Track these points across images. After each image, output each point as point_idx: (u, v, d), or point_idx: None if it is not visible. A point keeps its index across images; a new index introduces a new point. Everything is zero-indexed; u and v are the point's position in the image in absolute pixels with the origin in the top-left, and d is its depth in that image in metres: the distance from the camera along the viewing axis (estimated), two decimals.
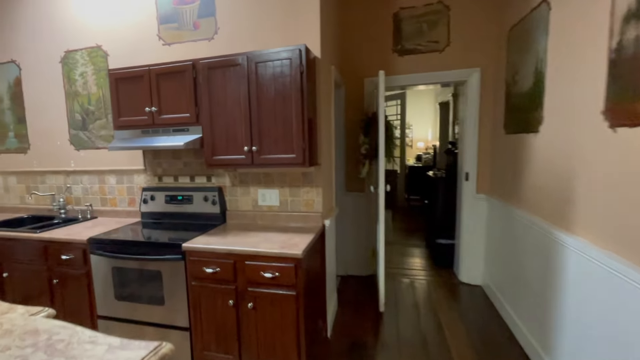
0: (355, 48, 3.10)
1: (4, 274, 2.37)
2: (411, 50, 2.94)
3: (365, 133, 3.02)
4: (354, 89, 3.17)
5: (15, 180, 2.99)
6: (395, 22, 2.96)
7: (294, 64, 1.84)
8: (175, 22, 2.27)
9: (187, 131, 2.09)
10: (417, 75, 2.98)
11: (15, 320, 0.85)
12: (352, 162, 3.28)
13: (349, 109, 3.21)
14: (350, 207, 3.35)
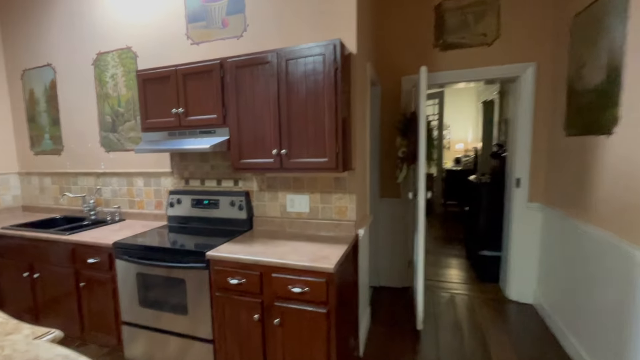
0: (392, 44, 2.96)
1: (35, 275, 2.46)
2: (455, 44, 2.76)
3: (403, 134, 2.87)
4: (391, 87, 3.03)
5: (50, 181, 3.14)
6: (437, 15, 2.79)
7: (327, 61, 1.75)
8: (204, 20, 2.26)
9: (213, 133, 2.06)
10: (460, 71, 2.79)
11: (17, 345, 0.81)
12: (387, 166, 3.14)
13: (384, 109, 3.08)
14: (385, 213, 3.21)
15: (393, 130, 3.03)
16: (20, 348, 0.79)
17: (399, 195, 3.17)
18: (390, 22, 2.96)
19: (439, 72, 2.85)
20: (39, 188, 3.21)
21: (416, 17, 2.87)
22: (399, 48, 2.95)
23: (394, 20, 2.95)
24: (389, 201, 3.20)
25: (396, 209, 3.19)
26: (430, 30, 2.84)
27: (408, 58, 2.93)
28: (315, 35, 2.03)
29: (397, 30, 2.94)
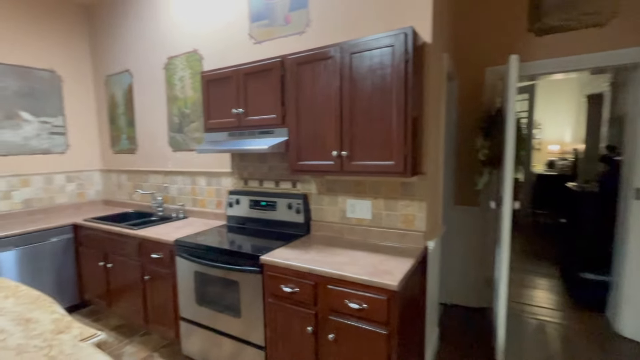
0: (474, 31, 2.73)
1: (108, 264, 2.78)
2: (556, 27, 2.43)
3: (485, 135, 2.62)
4: (471, 81, 2.79)
5: (126, 178, 3.54)
6: None
7: (397, 52, 1.65)
8: (267, 18, 2.32)
9: (272, 134, 2.10)
10: (562, 59, 2.45)
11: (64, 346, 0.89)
12: (464, 169, 2.90)
13: (462, 106, 2.86)
14: (459, 223, 2.98)
15: (472, 129, 2.79)
16: (65, 350, 0.86)
17: (476, 203, 2.91)
18: (472, 5, 2.73)
19: (533, 61, 2.54)
20: (117, 184, 3.64)
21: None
22: (483, 35, 2.70)
23: (476, 3, 2.71)
24: (464, 209, 2.95)
25: (473, 219, 2.93)
26: (523, 12, 2.54)
27: (494, 46, 2.67)
28: (384, 27, 1.94)
29: (481, 14, 2.70)
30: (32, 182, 3.26)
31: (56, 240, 2.94)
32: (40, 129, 3.29)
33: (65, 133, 3.48)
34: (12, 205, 3.15)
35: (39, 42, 3.26)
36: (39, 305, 1.13)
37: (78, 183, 3.60)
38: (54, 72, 3.37)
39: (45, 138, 3.33)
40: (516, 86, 2.05)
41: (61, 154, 3.45)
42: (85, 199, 3.66)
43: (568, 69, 2.48)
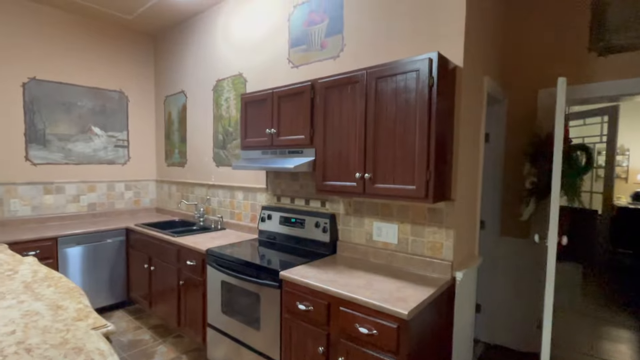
0: (524, 51, 2.64)
1: (151, 267, 3.07)
2: (622, 46, 2.27)
3: (532, 161, 2.49)
4: (521, 104, 2.68)
5: (175, 188, 3.90)
6: (594, 10, 2.36)
7: (421, 77, 1.69)
8: (304, 43, 2.50)
9: (300, 153, 2.22)
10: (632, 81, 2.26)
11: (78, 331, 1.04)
12: (511, 198, 2.76)
13: (512, 130, 2.73)
14: (506, 255, 2.80)
15: (521, 155, 2.66)
16: (78, 335, 1.01)
17: (525, 235, 2.73)
18: (524, 24, 2.64)
19: (597, 82, 2.38)
20: (168, 194, 4.02)
21: (562, 16, 2.48)
22: (536, 54, 2.60)
23: (529, 22, 2.62)
24: (511, 241, 2.78)
25: (522, 252, 2.74)
26: (583, 30, 2.41)
27: (549, 66, 2.55)
28: (416, 48, 1.99)
29: (534, 33, 2.60)
30: (97, 189, 3.75)
31: (111, 242, 3.33)
32: (107, 142, 3.79)
33: (127, 146, 3.96)
34: (79, 208, 3.63)
35: (112, 67, 3.81)
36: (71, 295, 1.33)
37: (135, 191, 4.05)
38: (122, 93, 3.90)
39: (111, 150, 3.82)
40: (564, 111, 1.94)
41: (123, 164, 3.93)
42: (140, 205, 4.09)
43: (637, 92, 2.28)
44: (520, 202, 2.69)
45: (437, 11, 1.91)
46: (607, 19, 2.32)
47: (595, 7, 2.37)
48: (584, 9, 2.40)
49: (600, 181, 4.46)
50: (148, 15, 3.53)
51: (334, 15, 2.32)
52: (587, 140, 3.94)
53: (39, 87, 3.33)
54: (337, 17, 2.31)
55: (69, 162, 3.54)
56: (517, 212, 2.71)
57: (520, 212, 2.68)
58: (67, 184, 3.54)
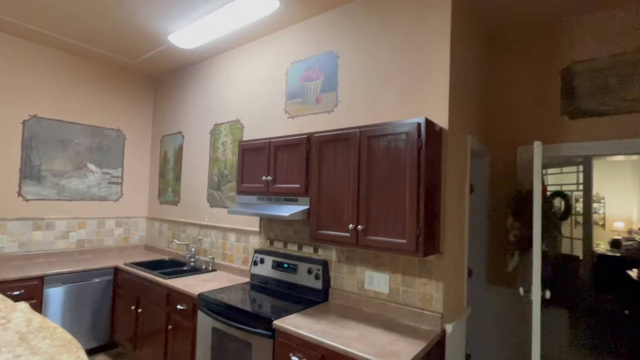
0: (505, 111, 2.86)
1: (139, 309, 3.03)
2: (591, 111, 2.49)
3: (515, 214, 2.63)
4: (503, 159, 2.86)
5: (166, 227, 3.92)
6: (565, 79, 2.61)
7: (410, 139, 1.83)
8: (300, 97, 2.67)
9: (295, 201, 2.31)
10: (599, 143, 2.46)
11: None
12: (497, 248, 2.87)
13: (494, 183, 2.90)
14: (494, 304, 2.86)
15: (503, 207, 2.80)
16: None
17: (511, 284, 2.81)
18: (503, 87, 2.88)
19: (567, 143, 2.58)
20: (158, 231, 4.03)
21: (536, 82, 2.73)
22: (515, 115, 2.82)
23: (507, 85, 2.87)
24: (499, 290, 2.85)
25: (508, 301, 2.80)
26: (555, 95, 2.64)
27: (526, 126, 2.76)
28: (405, 111, 2.16)
29: (512, 96, 2.84)
30: (87, 225, 3.74)
31: (98, 281, 3.29)
32: (101, 179, 3.84)
33: (121, 183, 4.00)
34: (67, 245, 3.60)
35: (112, 106, 3.93)
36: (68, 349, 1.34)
37: (125, 228, 4.04)
38: (120, 131, 4.00)
39: (104, 187, 3.86)
40: (541, 171, 2.10)
41: (115, 201, 3.95)
42: (129, 242, 4.07)
43: (605, 153, 2.48)
44: (505, 253, 2.80)
45: (424, 77, 2.10)
46: (575, 87, 2.56)
47: (565, 75, 2.62)
48: (556, 76, 2.65)
49: (579, 227, 4.65)
50: (151, 61, 3.70)
51: (329, 74, 2.51)
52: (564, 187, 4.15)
53: (38, 125, 3.41)
54: (331, 76, 2.50)
55: (61, 198, 3.56)
56: (503, 262, 2.81)
57: (505, 262, 2.78)
58: (57, 220, 3.53)
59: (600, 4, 2.39)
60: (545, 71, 2.70)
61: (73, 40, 3.28)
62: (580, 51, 2.56)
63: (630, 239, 5.66)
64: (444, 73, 2.03)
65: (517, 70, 2.83)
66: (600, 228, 6.26)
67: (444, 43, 2.04)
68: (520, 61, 2.81)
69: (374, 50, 2.32)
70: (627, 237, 5.84)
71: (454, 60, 2.10)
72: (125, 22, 2.90)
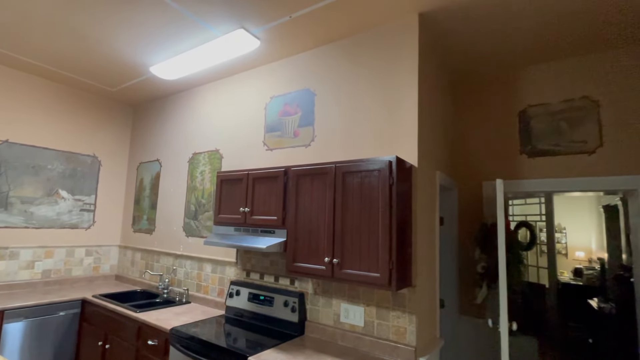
0: (471, 149, 3.04)
1: (106, 345, 2.90)
2: (545, 151, 2.70)
3: (482, 247, 2.74)
4: (470, 193, 3.01)
5: (139, 256, 3.82)
6: (521, 121, 2.82)
7: (382, 176, 1.93)
8: (279, 130, 2.75)
9: (273, 233, 2.34)
10: (553, 180, 2.65)
11: None
12: (467, 280, 2.96)
13: (462, 216, 3.03)
14: (466, 334, 2.91)
15: (472, 239, 2.92)
16: None
17: (483, 315, 2.88)
18: (467, 126, 3.08)
19: (529, 179, 2.75)
20: (131, 261, 3.92)
21: (497, 122, 2.93)
22: (479, 153, 3.00)
23: (470, 125, 3.06)
24: (470, 321, 2.92)
25: (480, 331, 2.87)
26: (514, 136, 2.84)
27: (490, 163, 2.94)
28: (378, 147, 2.27)
29: (476, 135, 3.03)
30: (55, 254, 3.60)
31: (64, 314, 3.14)
32: (73, 206, 3.74)
33: (93, 210, 3.91)
34: (32, 275, 3.44)
35: (88, 132, 3.90)
36: None
37: (95, 257, 3.91)
38: (95, 157, 3.95)
39: (75, 214, 3.76)
40: (503, 207, 2.23)
41: (86, 229, 3.84)
42: (99, 272, 3.93)
43: (559, 190, 2.65)
44: (474, 284, 2.89)
45: (394, 116, 2.24)
46: (532, 129, 2.77)
47: (522, 118, 2.84)
48: (514, 118, 2.86)
49: (544, 256, 4.85)
50: (131, 89, 3.73)
51: (306, 110, 2.62)
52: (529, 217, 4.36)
53: (9, 150, 3.33)
54: (309, 112, 2.60)
55: (29, 226, 3.43)
56: (473, 293, 2.90)
57: (475, 294, 2.87)
58: (22, 249, 3.39)
59: (552, 55, 2.64)
60: (506, 113, 2.91)
61: (51, 67, 3.28)
62: (534, 96, 2.79)
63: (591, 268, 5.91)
64: (412, 113, 2.17)
65: (481, 112, 3.03)
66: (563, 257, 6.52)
67: (412, 85, 2.19)
68: (483, 103, 3.02)
69: (350, 90, 2.45)
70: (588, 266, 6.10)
71: (422, 101, 2.25)
72: (107, 54, 2.94)
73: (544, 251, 4.90)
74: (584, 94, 2.58)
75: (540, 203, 5.09)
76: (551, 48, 2.55)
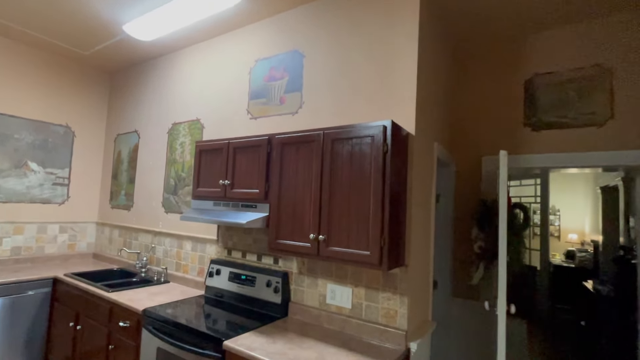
0: (470, 121, 2.83)
1: (78, 326, 2.70)
2: (551, 123, 2.49)
3: (480, 226, 2.56)
4: (468, 168, 2.82)
5: (117, 233, 3.59)
6: (527, 91, 2.60)
7: (375, 143, 1.71)
8: (264, 97, 2.50)
9: (254, 208, 2.13)
10: (559, 155, 2.46)
11: None
12: (461, 260, 2.79)
13: (459, 193, 2.84)
14: (458, 317, 2.78)
15: (468, 218, 2.74)
16: None
17: (476, 297, 2.74)
18: (468, 97, 2.85)
19: (532, 154, 2.55)
20: (108, 238, 3.69)
21: (500, 93, 2.72)
22: (479, 125, 2.79)
23: (472, 95, 2.84)
24: (463, 303, 2.77)
25: (473, 314, 2.73)
26: (518, 107, 2.63)
27: (490, 137, 2.73)
28: (372, 113, 2.05)
29: (476, 106, 2.81)
30: (25, 230, 3.35)
31: (33, 294, 2.92)
32: (44, 179, 3.47)
33: (67, 184, 3.64)
34: (0, 252, 3.20)
35: (60, 100, 3.59)
36: None
37: (71, 234, 3.67)
38: (68, 127, 3.65)
39: (47, 188, 3.49)
40: (506, 182, 2.04)
41: (60, 204, 3.58)
42: (74, 250, 3.70)
43: (564, 165, 2.47)
44: (470, 265, 2.73)
45: (391, 80, 2.00)
46: (537, 99, 2.56)
47: (527, 88, 2.62)
48: (519, 88, 2.64)
49: (537, 239, 4.73)
50: (106, 52, 3.42)
51: (294, 74, 2.37)
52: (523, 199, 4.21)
53: None
54: (296, 76, 2.35)
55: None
56: (468, 274, 2.74)
57: (470, 274, 2.71)
58: None
59: (562, 20, 2.40)
60: (510, 83, 2.69)
61: (17, 25, 2.95)
62: (542, 64, 2.56)
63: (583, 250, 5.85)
64: (411, 73, 1.94)
65: (483, 81, 2.81)
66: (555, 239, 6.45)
67: (412, 48, 1.95)
68: (486, 72, 2.80)
69: (341, 51, 2.20)
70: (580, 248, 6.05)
71: (422, 65, 2.01)
72: (76, 9, 2.63)
73: (536, 234, 4.78)
74: (596, 62, 2.36)
75: (535, 184, 4.94)
76: (561, 11, 2.31)
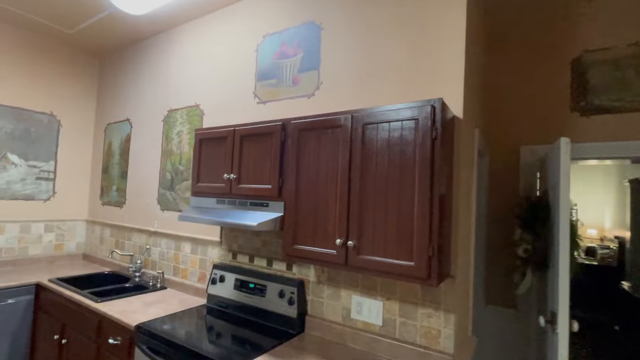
0: (507, 105, 2.48)
1: (63, 340, 2.36)
2: (605, 107, 2.14)
3: (525, 226, 2.22)
4: (503, 159, 2.47)
5: (109, 232, 3.23)
6: (575, 71, 2.25)
7: (421, 127, 1.36)
8: (274, 77, 2.13)
9: (266, 207, 1.78)
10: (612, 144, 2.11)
11: None
12: (496, 264, 2.46)
13: (493, 188, 2.50)
14: (492, 328, 2.46)
15: (506, 217, 2.40)
16: None
17: (513, 305, 2.41)
18: (504, 79, 2.50)
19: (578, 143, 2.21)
20: (99, 238, 3.33)
21: (544, 74, 2.36)
22: (517, 111, 2.44)
23: (509, 77, 2.48)
24: (498, 311, 2.45)
25: (510, 324, 2.40)
26: (564, 89, 2.28)
27: (530, 123, 2.39)
28: (404, 94, 1.69)
29: (514, 89, 2.46)
30: (6, 230, 2.99)
31: (13, 302, 2.57)
32: (26, 174, 3.09)
33: (53, 179, 3.27)
34: None
35: (44, 85, 3.20)
36: None
37: (58, 233, 3.31)
38: (53, 116, 3.26)
39: (30, 183, 3.12)
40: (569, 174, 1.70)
41: (45, 201, 3.21)
42: (62, 251, 3.34)
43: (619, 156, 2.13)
44: (507, 269, 2.40)
45: (431, 54, 1.64)
46: (589, 80, 2.22)
47: (575, 67, 2.27)
48: (565, 68, 2.29)
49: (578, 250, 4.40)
50: (94, 32, 3.03)
51: (310, 49, 2.00)
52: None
53: None
54: (313, 51, 1.99)
55: None
56: (505, 279, 2.42)
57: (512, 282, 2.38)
58: None
59: None
60: (554, 63, 2.34)
61: None
62: (592, 39, 2.21)
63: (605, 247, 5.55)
64: (459, 49, 1.58)
65: (521, 61, 2.46)
66: None
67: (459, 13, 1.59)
68: (526, 51, 2.44)
69: (368, 20, 1.84)
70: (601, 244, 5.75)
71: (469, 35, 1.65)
72: None
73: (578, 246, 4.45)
74: None
75: None
76: None
